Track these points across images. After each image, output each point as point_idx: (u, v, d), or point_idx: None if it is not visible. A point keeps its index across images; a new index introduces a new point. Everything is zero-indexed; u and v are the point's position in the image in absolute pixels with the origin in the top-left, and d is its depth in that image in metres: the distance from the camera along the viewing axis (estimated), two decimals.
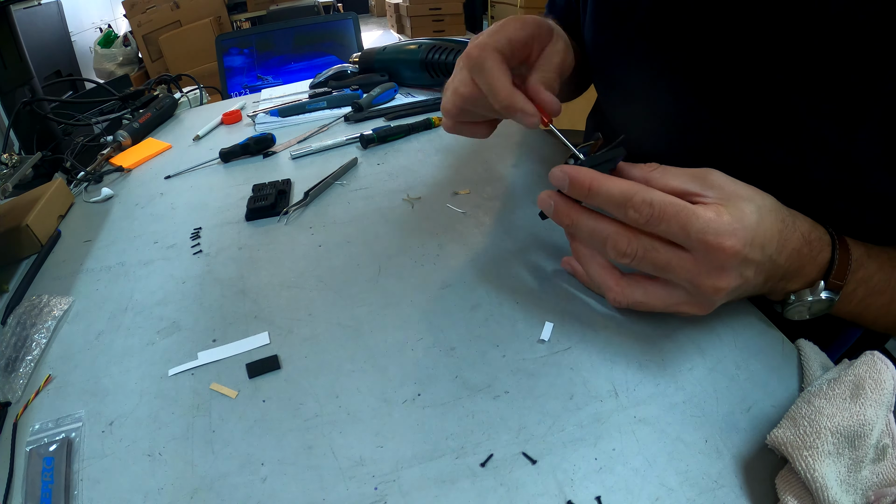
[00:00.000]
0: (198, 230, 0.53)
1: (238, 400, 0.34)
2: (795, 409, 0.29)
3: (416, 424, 0.31)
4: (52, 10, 1.96)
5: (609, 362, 0.34)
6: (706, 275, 0.30)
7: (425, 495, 0.28)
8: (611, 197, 0.31)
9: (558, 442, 0.29)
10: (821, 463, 0.25)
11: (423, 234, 0.48)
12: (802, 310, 0.35)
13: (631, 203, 0.30)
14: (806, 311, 0.35)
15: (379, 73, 0.88)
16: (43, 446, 0.32)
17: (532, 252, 0.44)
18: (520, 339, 0.36)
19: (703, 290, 0.31)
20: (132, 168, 0.72)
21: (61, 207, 0.61)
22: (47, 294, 0.46)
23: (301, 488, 0.28)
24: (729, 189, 0.31)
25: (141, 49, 3.04)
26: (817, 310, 0.35)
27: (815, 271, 0.34)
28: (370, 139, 0.67)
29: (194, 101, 1.02)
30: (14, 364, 0.38)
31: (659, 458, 0.28)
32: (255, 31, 1.78)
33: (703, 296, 0.31)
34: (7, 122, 0.74)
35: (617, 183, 0.31)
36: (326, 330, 0.39)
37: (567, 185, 0.32)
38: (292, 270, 0.45)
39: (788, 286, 0.35)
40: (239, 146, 0.69)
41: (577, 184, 0.32)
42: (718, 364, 0.33)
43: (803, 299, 0.34)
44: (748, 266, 0.31)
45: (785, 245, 0.32)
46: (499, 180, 0.56)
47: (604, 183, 0.31)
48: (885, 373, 0.29)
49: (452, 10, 3.92)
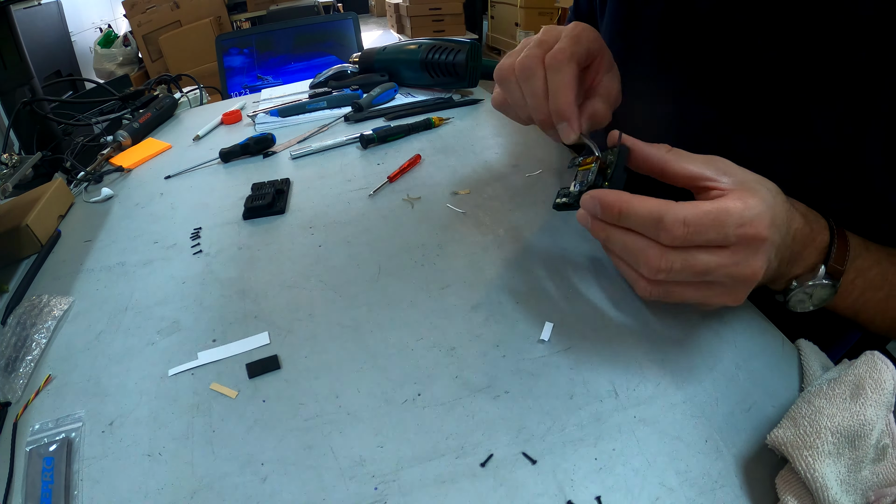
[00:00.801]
0: (198, 230, 0.53)
1: (238, 400, 0.34)
2: (796, 409, 0.29)
3: (416, 424, 0.31)
4: (52, 10, 1.96)
5: (609, 362, 0.34)
6: (744, 264, 0.30)
7: (425, 495, 0.28)
8: (641, 218, 0.30)
9: (558, 442, 0.29)
10: (821, 463, 0.25)
11: (423, 234, 0.48)
12: (804, 298, 0.35)
13: (662, 224, 0.29)
14: (808, 300, 0.35)
15: (379, 73, 0.88)
16: (43, 446, 0.32)
17: (532, 252, 0.44)
18: (520, 339, 0.36)
19: (741, 279, 0.30)
20: (132, 168, 0.72)
21: (61, 207, 0.61)
22: (47, 294, 0.46)
23: (301, 488, 0.28)
24: (739, 175, 0.31)
25: (141, 49, 3.04)
26: (818, 298, 0.35)
27: (815, 255, 0.34)
28: (370, 139, 0.67)
29: (194, 101, 1.02)
30: (14, 364, 0.38)
31: (659, 458, 0.28)
32: (255, 31, 1.78)
33: (740, 285, 0.31)
34: (7, 122, 0.74)
35: (646, 203, 0.30)
36: (326, 330, 0.39)
37: (599, 210, 0.32)
38: (292, 270, 0.45)
39: (791, 271, 0.35)
40: (239, 146, 0.69)
41: (607, 208, 0.32)
42: (718, 364, 0.33)
43: (804, 284, 0.34)
44: (773, 248, 0.31)
45: (791, 225, 0.33)
46: (499, 180, 0.56)
47: (633, 205, 0.31)
48: (886, 373, 0.29)
49: (452, 10, 3.92)
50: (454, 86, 0.83)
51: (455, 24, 3.96)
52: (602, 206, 0.32)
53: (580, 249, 0.44)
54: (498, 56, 4.28)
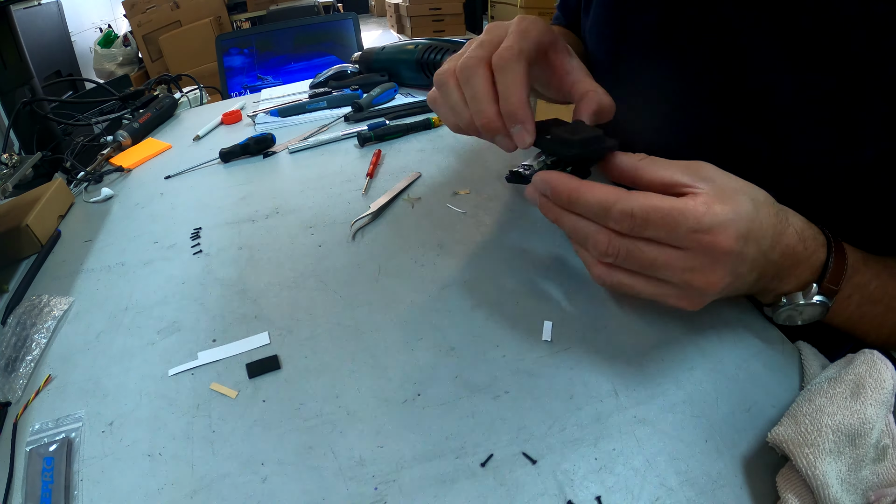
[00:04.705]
0: (198, 230, 0.53)
1: (238, 400, 0.34)
2: (796, 407, 0.29)
3: (416, 424, 0.31)
4: (52, 10, 1.96)
5: (609, 362, 0.34)
6: (698, 271, 0.29)
7: (425, 495, 0.28)
8: (589, 207, 0.30)
9: (558, 442, 0.29)
10: (822, 461, 0.25)
11: (423, 234, 0.48)
12: (794, 315, 0.34)
13: (609, 214, 0.29)
14: (797, 317, 0.34)
15: (378, 73, 0.88)
16: (43, 446, 0.32)
17: (532, 252, 0.44)
18: (520, 339, 0.36)
19: (694, 286, 0.30)
20: (132, 168, 0.71)
21: (61, 207, 0.61)
22: (47, 294, 0.46)
23: (301, 488, 0.28)
24: (721, 181, 0.30)
25: (141, 49, 3.04)
26: (809, 315, 0.34)
27: (808, 272, 0.33)
28: (367, 137, 0.67)
29: (194, 101, 1.02)
30: (14, 364, 0.38)
31: (659, 458, 0.28)
32: (255, 31, 1.78)
33: (693, 291, 0.30)
34: (7, 122, 0.74)
35: (596, 192, 0.30)
36: (326, 330, 0.39)
37: (549, 192, 0.32)
38: (292, 270, 0.45)
39: (780, 287, 0.33)
40: (239, 146, 0.69)
41: (556, 193, 0.32)
42: (718, 364, 0.33)
43: (795, 303, 0.33)
44: (742, 262, 0.29)
45: (779, 240, 0.31)
46: (499, 180, 0.56)
47: (582, 193, 0.30)
48: (885, 372, 0.29)
49: (452, 10, 3.92)
50: None
51: (455, 24, 3.96)
52: (552, 190, 0.32)
53: None
54: None
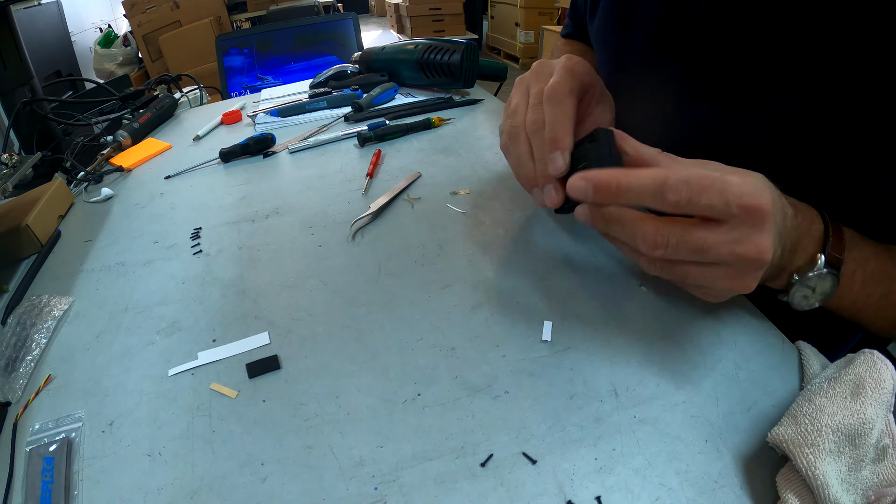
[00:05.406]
0: (198, 230, 0.53)
1: (238, 400, 0.34)
2: (796, 407, 0.29)
3: (416, 424, 0.31)
4: (52, 10, 1.96)
5: (609, 362, 0.34)
6: (747, 240, 0.28)
7: (425, 495, 0.28)
8: (644, 188, 0.29)
9: (558, 442, 0.29)
10: (822, 461, 0.25)
11: (423, 234, 0.48)
12: (807, 292, 0.34)
13: (667, 186, 0.28)
14: (812, 295, 0.34)
15: (379, 73, 0.88)
16: (43, 446, 0.32)
17: (532, 252, 0.44)
18: (520, 339, 0.36)
19: (746, 257, 0.29)
20: (132, 168, 0.72)
21: (61, 207, 0.61)
22: (47, 294, 0.46)
23: (301, 488, 0.28)
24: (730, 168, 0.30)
25: (141, 49, 3.04)
26: (822, 291, 0.34)
27: (812, 244, 0.34)
28: (367, 137, 0.67)
29: (194, 101, 1.02)
30: (14, 364, 0.38)
31: (659, 458, 0.28)
32: (255, 31, 1.78)
33: (744, 263, 0.29)
34: (7, 122, 0.74)
35: (642, 173, 0.29)
36: (326, 330, 0.39)
37: (591, 192, 0.30)
38: (292, 270, 0.45)
39: (793, 262, 0.34)
40: (239, 146, 0.69)
41: (603, 188, 0.30)
42: (718, 364, 0.33)
43: (805, 277, 0.33)
44: (776, 226, 0.29)
45: (787, 211, 0.32)
46: (499, 180, 0.56)
47: (631, 176, 0.29)
48: (885, 372, 0.29)
49: (452, 10, 3.92)
50: (450, 86, 0.83)
51: (455, 24, 3.97)
52: (595, 186, 0.30)
53: (580, 249, 0.44)
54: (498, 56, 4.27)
